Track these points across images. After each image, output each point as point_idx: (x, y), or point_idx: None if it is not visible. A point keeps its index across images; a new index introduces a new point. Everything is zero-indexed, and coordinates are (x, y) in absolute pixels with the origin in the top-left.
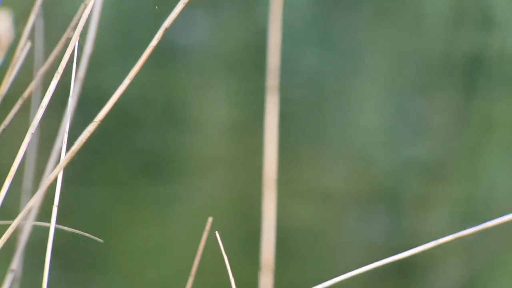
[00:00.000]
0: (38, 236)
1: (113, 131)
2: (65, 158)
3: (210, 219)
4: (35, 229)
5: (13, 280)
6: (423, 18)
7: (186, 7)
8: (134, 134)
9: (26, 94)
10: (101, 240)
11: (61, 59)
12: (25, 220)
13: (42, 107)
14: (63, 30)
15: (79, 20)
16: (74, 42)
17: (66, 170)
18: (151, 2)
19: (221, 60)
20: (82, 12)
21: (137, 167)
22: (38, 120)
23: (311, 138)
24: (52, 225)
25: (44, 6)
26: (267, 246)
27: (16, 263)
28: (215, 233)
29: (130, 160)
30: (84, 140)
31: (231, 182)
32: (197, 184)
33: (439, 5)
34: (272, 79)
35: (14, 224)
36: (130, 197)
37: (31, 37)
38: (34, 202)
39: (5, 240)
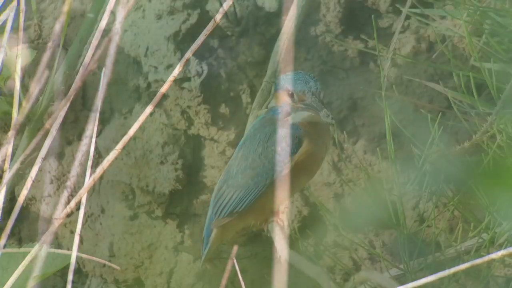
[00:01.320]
0: (57, 263)
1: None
2: (86, 185)
3: (235, 247)
4: (54, 256)
5: None
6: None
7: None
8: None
9: (48, 124)
10: (118, 267)
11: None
12: (43, 247)
13: (52, 132)
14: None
15: (101, 51)
16: (99, 73)
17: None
18: (172, 30)
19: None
20: (106, 45)
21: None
22: (50, 145)
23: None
24: (74, 252)
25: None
26: (279, 270)
27: None
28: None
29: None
30: (105, 167)
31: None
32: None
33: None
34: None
35: (33, 251)
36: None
37: (48, 65)
38: (52, 229)
39: (24, 266)
